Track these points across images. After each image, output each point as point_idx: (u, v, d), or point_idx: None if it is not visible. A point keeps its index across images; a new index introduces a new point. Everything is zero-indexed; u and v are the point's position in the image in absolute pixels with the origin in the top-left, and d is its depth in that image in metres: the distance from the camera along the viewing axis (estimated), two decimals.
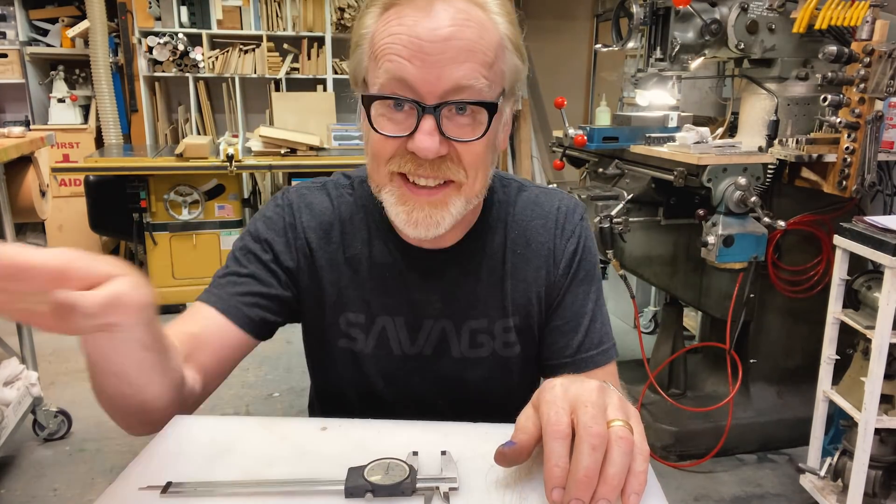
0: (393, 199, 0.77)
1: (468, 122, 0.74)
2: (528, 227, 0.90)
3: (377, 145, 0.76)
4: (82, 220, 3.63)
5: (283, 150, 3.45)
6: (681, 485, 2.18)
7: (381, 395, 0.91)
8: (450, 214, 0.77)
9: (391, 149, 0.75)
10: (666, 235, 2.39)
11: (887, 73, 1.81)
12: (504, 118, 0.81)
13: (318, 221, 0.89)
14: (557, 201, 0.92)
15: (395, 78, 0.71)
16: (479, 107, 0.73)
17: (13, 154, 2.25)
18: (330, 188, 0.91)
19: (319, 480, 0.60)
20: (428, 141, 0.71)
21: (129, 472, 0.62)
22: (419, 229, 0.77)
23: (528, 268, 0.89)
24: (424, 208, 0.76)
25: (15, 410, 2.13)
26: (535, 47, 4.94)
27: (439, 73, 0.70)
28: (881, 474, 1.79)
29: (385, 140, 0.74)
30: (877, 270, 1.76)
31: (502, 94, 0.76)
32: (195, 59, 4.12)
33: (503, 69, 0.76)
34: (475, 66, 0.71)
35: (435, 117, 0.71)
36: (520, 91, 0.83)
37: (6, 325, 2.45)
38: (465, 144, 0.74)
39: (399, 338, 0.89)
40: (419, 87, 0.71)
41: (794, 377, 2.33)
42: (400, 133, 0.73)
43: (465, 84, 0.71)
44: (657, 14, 2.12)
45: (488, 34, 0.73)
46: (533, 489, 0.59)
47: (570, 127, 2.36)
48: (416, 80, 0.70)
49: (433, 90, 0.71)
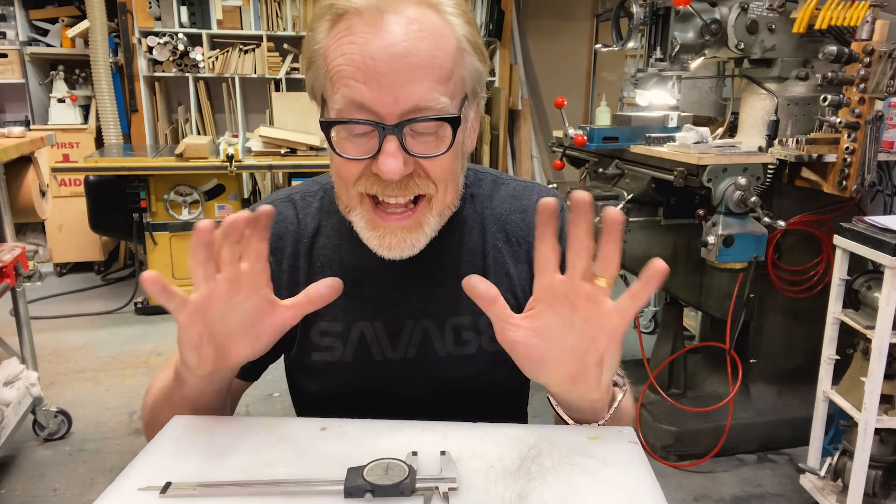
0: (363, 223, 0.76)
1: (432, 138, 0.72)
2: (507, 222, 0.88)
3: (342, 169, 0.74)
4: (82, 220, 3.64)
5: (283, 150, 3.45)
6: (681, 485, 2.18)
7: (366, 405, 0.85)
8: (424, 234, 0.76)
9: (356, 171, 0.73)
10: (666, 235, 2.39)
11: (887, 73, 1.81)
12: (469, 123, 0.79)
13: (282, 238, 0.86)
14: (535, 194, 0.90)
15: (353, 103, 0.69)
16: (442, 122, 0.71)
17: (13, 154, 2.26)
18: (297, 200, 0.89)
19: (319, 480, 0.60)
20: (392, 162, 0.69)
21: (129, 472, 0.62)
22: (393, 252, 0.76)
23: (509, 263, 0.87)
24: (397, 233, 0.75)
25: (15, 410, 2.13)
26: (535, 47, 4.94)
27: (397, 95, 0.68)
28: (881, 474, 1.79)
29: (349, 163, 0.72)
30: (877, 270, 1.76)
31: (464, 100, 0.74)
32: (195, 59, 4.12)
33: (463, 75, 0.73)
34: (433, 83, 0.69)
35: (397, 137, 0.69)
36: (482, 91, 0.80)
37: (6, 325, 2.45)
38: (431, 160, 0.72)
39: (379, 343, 0.85)
40: (378, 109, 0.68)
41: (794, 377, 2.33)
42: (363, 156, 0.71)
43: (425, 105, 0.69)
44: (657, 14, 2.12)
45: (445, 42, 0.70)
46: (533, 489, 0.59)
47: (570, 127, 2.36)
48: (373, 103, 0.68)
49: (392, 111, 0.68)
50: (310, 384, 0.89)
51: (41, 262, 4.06)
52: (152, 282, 0.58)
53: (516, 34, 4.75)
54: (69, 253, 4.17)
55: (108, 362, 3.03)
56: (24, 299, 2.31)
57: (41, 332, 3.06)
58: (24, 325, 2.32)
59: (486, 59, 0.78)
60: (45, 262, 4.13)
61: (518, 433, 0.69)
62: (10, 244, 2.26)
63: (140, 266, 3.93)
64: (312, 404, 0.93)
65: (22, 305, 2.30)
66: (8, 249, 2.16)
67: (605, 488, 0.60)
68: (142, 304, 3.58)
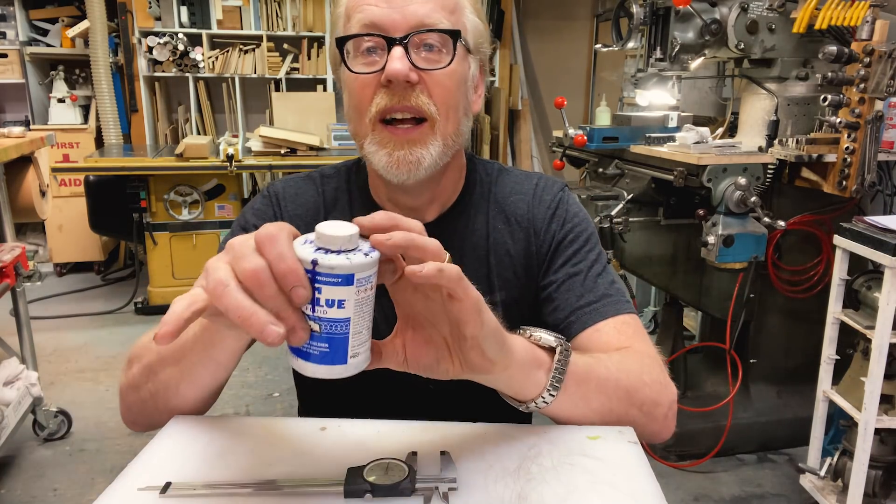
0: (374, 145, 0.80)
1: (435, 55, 0.79)
2: (507, 203, 0.92)
3: (356, 92, 0.80)
4: (82, 220, 3.64)
5: (283, 150, 3.45)
6: (681, 485, 2.18)
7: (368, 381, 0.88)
8: (429, 154, 0.80)
9: (370, 91, 0.78)
10: (666, 235, 2.39)
11: (887, 73, 1.81)
12: (472, 73, 0.85)
13: (304, 210, 0.91)
14: (536, 179, 0.96)
15: (365, 23, 0.77)
16: (443, 38, 0.78)
17: (13, 154, 2.26)
18: (315, 177, 0.95)
19: (319, 481, 0.60)
20: (398, 63, 0.75)
21: (129, 472, 0.62)
22: (401, 169, 0.79)
23: (509, 242, 0.90)
24: (404, 146, 0.79)
25: (15, 410, 2.13)
26: (535, 47, 4.94)
27: (403, 11, 0.76)
28: (881, 474, 1.79)
29: (363, 84, 0.79)
30: (877, 270, 1.76)
31: (466, 44, 0.82)
32: (195, 59, 4.12)
33: (464, 22, 0.81)
34: (436, 6, 0.78)
35: (403, 47, 0.76)
36: (486, 52, 0.87)
37: (6, 325, 2.45)
38: (433, 76, 0.78)
39: (386, 314, 0.87)
40: (387, 25, 0.76)
41: (794, 377, 2.32)
42: (374, 69, 0.78)
43: (429, 21, 0.77)
44: (657, 14, 2.12)
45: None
46: (533, 489, 0.59)
47: (570, 127, 2.36)
48: (383, 20, 0.76)
49: (399, 26, 0.76)
50: None
51: (41, 262, 4.06)
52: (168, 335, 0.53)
53: (516, 34, 4.75)
54: (69, 253, 4.17)
55: (108, 362, 3.03)
56: (24, 299, 2.31)
57: (41, 332, 3.06)
58: (24, 325, 2.32)
59: (487, 26, 0.86)
60: (45, 262, 4.13)
61: (518, 433, 0.69)
62: (10, 244, 2.26)
63: (140, 266, 3.93)
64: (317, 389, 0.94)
65: (22, 305, 2.30)
66: (8, 249, 2.16)
67: (605, 488, 0.60)
68: (142, 304, 3.58)
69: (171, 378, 0.71)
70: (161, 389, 0.72)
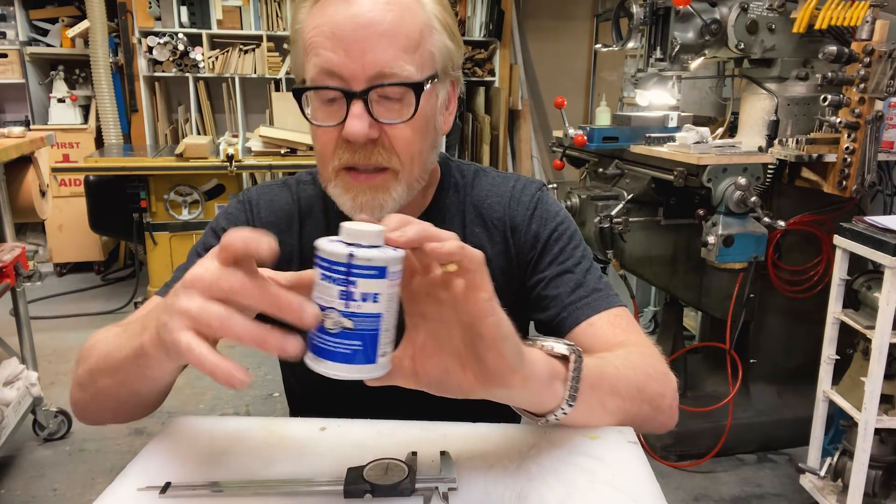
0: (339, 190, 0.80)
1: (397, 106, 0.75)
2: (483, 206, 0.92)
3: (318, 141, 0.79)
4: (82, 220, 3.63)
5: (283, 150, 3.45)
6: (681, 485, 2.17)
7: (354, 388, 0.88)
8: (391, 199, 0.79)
9: (331, 141, 0.77)
10: (666, 235, 2.39)
11: (887, 73, 1.81)
12: (441, 100, 0.82)
13: (277, 216, 0.91)
14: (513, 181, 0.94)
15: (323, 71, 0.73)
16: (405, 88, 0.74)
17: (13, 154, 2.26)
18: (291, 184, 0.94)
19: (318, 480, 0.60)
20: (357, 123, 0.72)
21: (129, 472, 0.62)
22: (364, 211, 0.78)
23: (486, 246, 0.90)
24: (367, 192, 0.78)
25: (15, 410, 2.13)
26: (535, 47, 4.94)
27: (362, 61, 0.72)
28: (881, 474, 1.79)
29: (324, 134, 0.77)
30: (877, 270, 1.76)
31: (434, 76, 0.77)
32: (195, 59, 4.12)
33: (432, 51, 0.77)
34: (398, 51, 0.73)
35: (363, 101, 0.73)
36: (456, 72, 0.84)
37: (6, 325, 2.45)
38: (395, 129, 0.75)
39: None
40: (345, 75, 0.73)
41: (794, 377, 2.32)
42: (334, 122, 0.75)
43: (390, 71, 0.72)
44: (657, 14, 2.12)
45: (412, 16, 0.74)
46: (533, 489, 0.59)
47: (570, 127, 2.36)
48: (341, 69, 0.72)
49: (359, 77, 0.72)
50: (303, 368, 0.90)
51: (41, 262, 4.06)
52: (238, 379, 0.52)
53: (516, 34, 4.75)
54: (69, 253, 4.17)
55: None
56: (24, 299, 2.31)
57: (41, 332, 3.06)
58: (24, 325, 2.32)
59: (460, 41, 0.82)
60: (45, 262, 4.13)
61: (518, 433, 0.69)
62: (10, 244, 2.26)
63: (140, 266, 3.93)
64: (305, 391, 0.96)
65: (22, 305, 2.30)
66: (8, 249, 2.16)
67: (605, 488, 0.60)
68: (142, 303, 3.57)
69: (109, 388, 0.70)
70: (102, 395, 0.72)
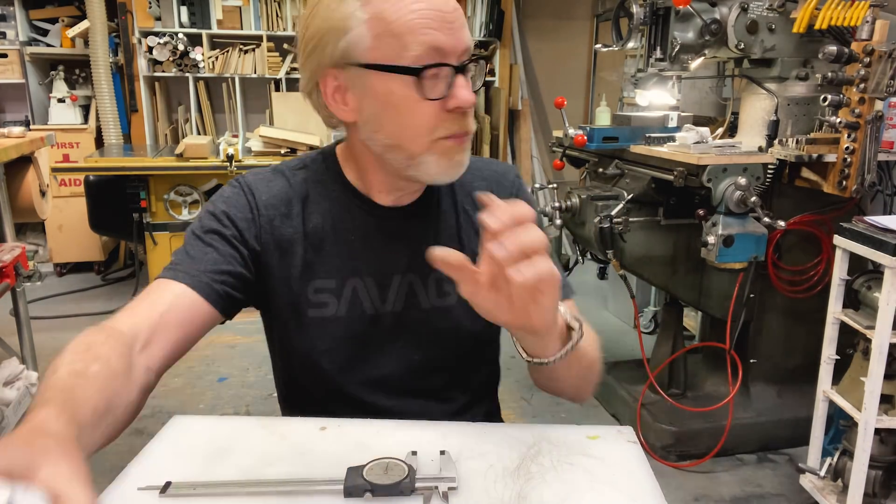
0: (434, 157, 0.84)
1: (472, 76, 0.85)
2: (472, 188, 0.98)
3: (416, 115, 0.82)
4: (82, 220, 3.63)
5: (283, 150, 3.45)
6: (681, 485, 2.17)
7: (355, 360, 0.93)
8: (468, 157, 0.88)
9: (434, 114, 0.82)
10: (666, 235, 2.39)
11: (887, 73, 1.81)
12: None
13: (277, 199, 0.93)
14: (494, 165, 1.04)
15: (432, 48, 0.79)
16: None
17: (13, 154, 2.26)
18: (283, 170, 0.97)
19: (318, 480, 0.60)
20: (469, 93, 0.81)
21: (129, 472, 0.62)
22: (456, 171, 0.86)
23: (477, 224, 0.94)
24: (462, 153, 0.86)
25: (15, 410, 2.13)
26: (536, 47, 4.94)
27: (460, 38, 0.81)
28: (881, 474, 1.79)
29: (429, 107, 0.81)
30: (877, 270, 1.76)
31: None
32: (195, 59, 4.12)
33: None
34: (468, 30, 0.84)
35: (464, 74, 0.82)
36: None
37: (6, 325, 2.45)
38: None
39: (370, 296, 0.93)
40: (449, 52, 0.80)
41: (794, 377, 2.32)
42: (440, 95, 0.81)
43: (471, 45, 0.83)
44: (657, 14, 2.12)
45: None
46: (533, 489, 0.59)
47: (570, 127, 2.36)
48: (447, 46, 0.79)
49: (457, 53, 0.81)
50: (302, 341, 0.93)
51: (41, 262, 4.06)
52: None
53: (516, 34, 4.75)
54: (69, 253, 4.17)
55: None
56: (24, 299, 2.31)
57: (41, 332, 3.06)
58: (24, 325, 2.32)
59: None
60: (45, 262, 4.13)
61: (518, 433, 0.70)
62: (10, 244, 2.26)
63: (140, 266, 3.93)
64: (296, 364, 0.98)
65: (22, 305, 2.30)
66: (8, 249, 2.16)
67: (605, 488, 0.60)
68: None
69: None
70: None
